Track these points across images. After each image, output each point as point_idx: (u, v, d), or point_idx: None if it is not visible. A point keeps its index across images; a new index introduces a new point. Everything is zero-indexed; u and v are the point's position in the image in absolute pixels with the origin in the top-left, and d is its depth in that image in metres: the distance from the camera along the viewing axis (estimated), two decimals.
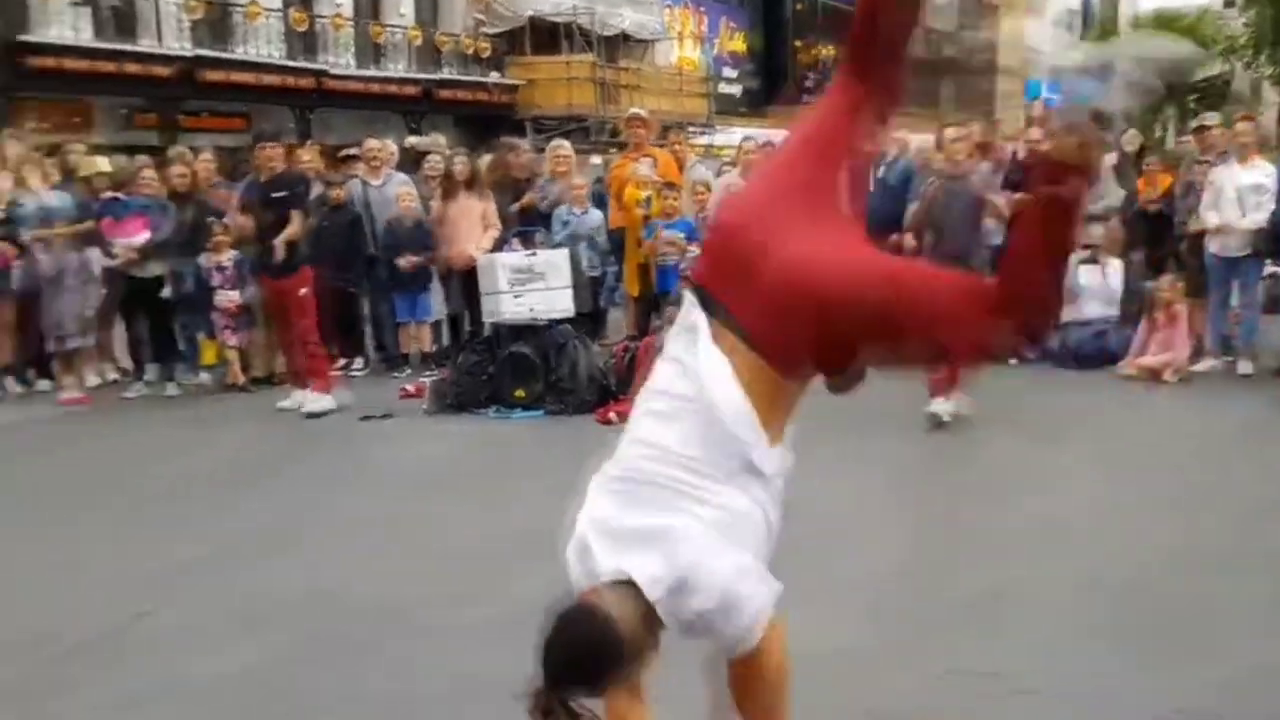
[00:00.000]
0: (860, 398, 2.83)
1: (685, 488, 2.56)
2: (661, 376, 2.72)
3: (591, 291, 10.86)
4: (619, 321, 11.59)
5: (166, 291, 10.13)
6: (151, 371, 10.42)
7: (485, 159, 12.04)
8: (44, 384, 10.40)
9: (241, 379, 10.16)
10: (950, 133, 9.39)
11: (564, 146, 12.11)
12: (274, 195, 9.14)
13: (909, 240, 9.16)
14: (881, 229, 9.70)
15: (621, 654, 2.47)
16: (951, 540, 5.47)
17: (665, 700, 2.81)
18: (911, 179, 10.18)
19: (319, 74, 25.53)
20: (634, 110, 12.56)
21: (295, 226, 9.06)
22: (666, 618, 2.52)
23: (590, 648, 2.46)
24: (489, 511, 6.25)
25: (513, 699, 2.50)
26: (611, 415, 8.26)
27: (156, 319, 10.29)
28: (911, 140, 11.11)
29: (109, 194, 10.32)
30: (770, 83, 38.64)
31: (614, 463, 2.72)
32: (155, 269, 10.16)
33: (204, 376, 10.37)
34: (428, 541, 5.72)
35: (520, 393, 8.85)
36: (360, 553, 5.59)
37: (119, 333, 10.92)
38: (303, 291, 9.11)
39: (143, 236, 10.08)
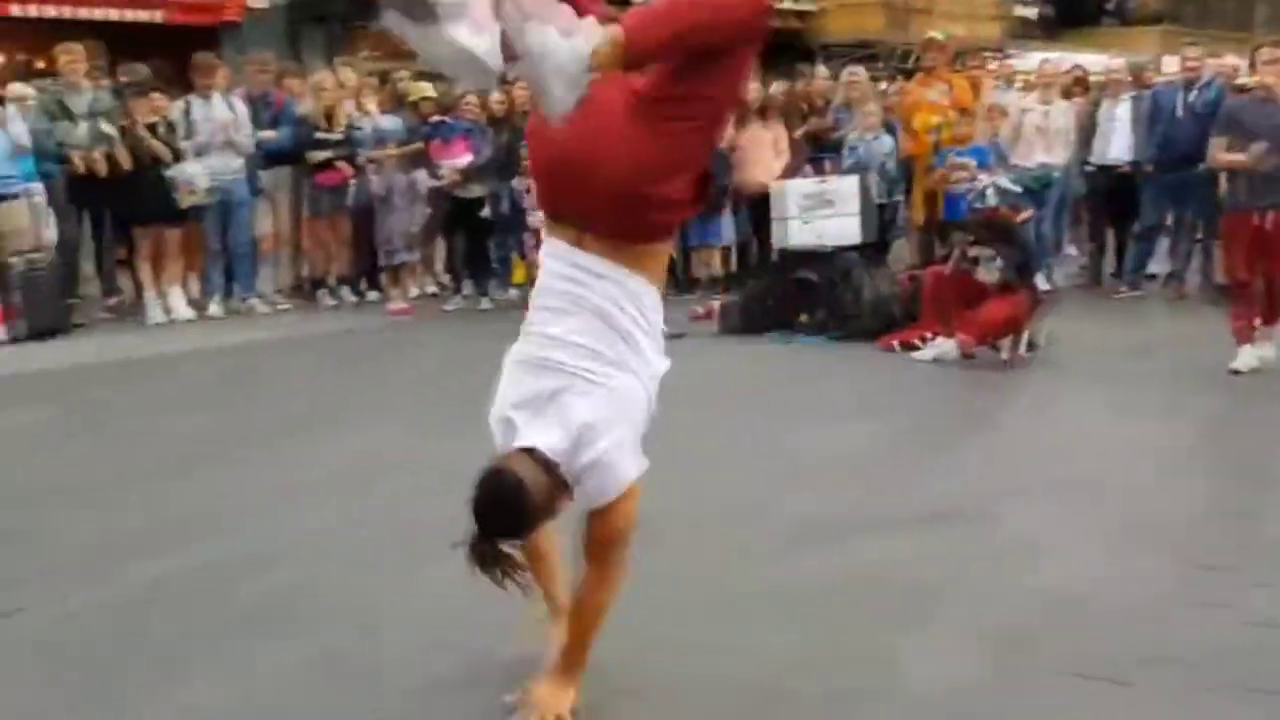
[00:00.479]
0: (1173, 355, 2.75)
1: (580, 371, 2.93)
2: (552, 277, 3.06)
3: (878, 219, 10.71)
4: (901, 250, 11.41)
5: (485, 212, 10.54)
6: (468, 286, 10.92)
7: (775, 86, 11.96)
8: (373, 295, 11.02)
9: None
10: (1265, 54, 8.71)
11: (859, 73, 11.90)
12: None
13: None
14: (1189, 155, 9.23)
15: (530, 507, 2.87)
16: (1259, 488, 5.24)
17: None
18: (1220, 102, 9.55)
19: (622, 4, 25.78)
20: (930, 35, 12.19)
21: None
22: (566, 475, 2.90)
23: (505, 503, 2.85)
24: (768, 431, 6.28)
25: (451, 547, 2.88)
26: (894, 343, 8.17)
27: (474, 237, 10.75)
28: (1219, 64, 10.47)
29: (436, 118, 10.77)
30: (1067, 5, 36.72)
31: (521, 349, 3.07)
32: (476, 190, 10.57)
33: (513, 293, 10.75)
34: (701, 457, 5.78)
35: (804, 318, 8.84)
36: (653, 460, 5.68)
37: (440, 249, 11.46)
38: None
39: (466, 159, 10.51)
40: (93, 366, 8.20)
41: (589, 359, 2.94)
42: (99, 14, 18.56)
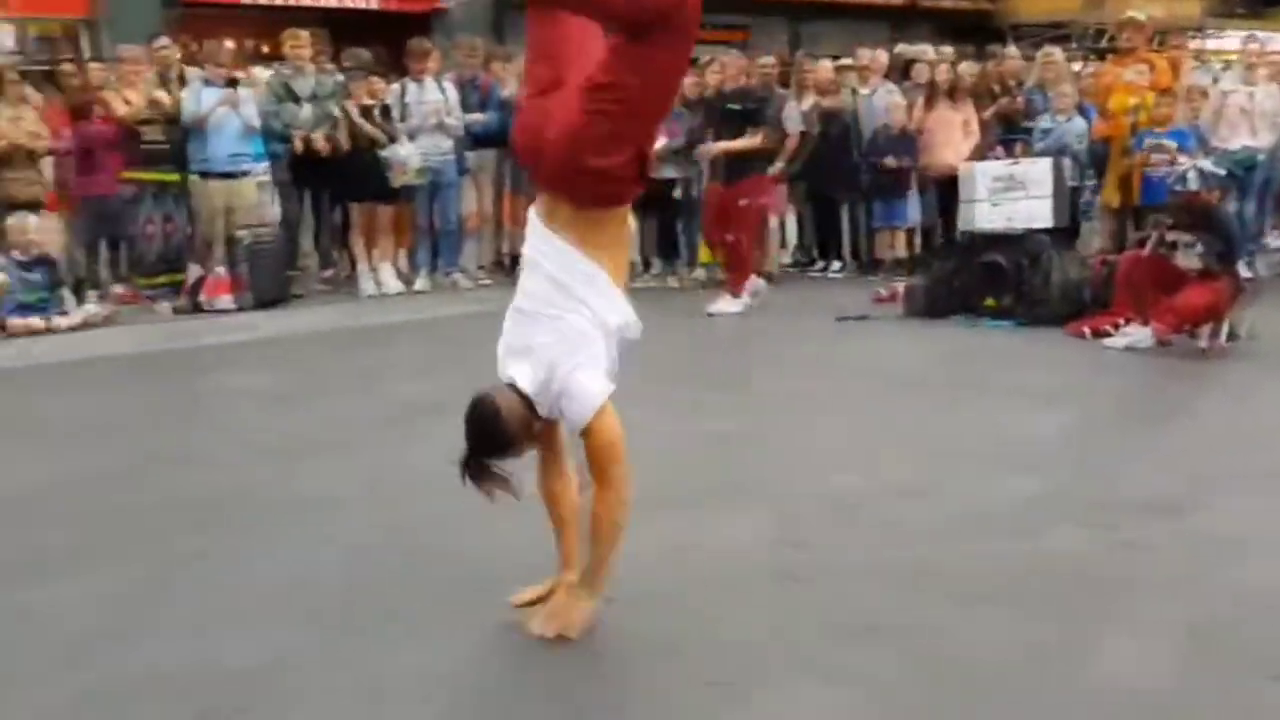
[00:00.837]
0: None
1: (543, 317, 3.42)
2: (528, 243, 3.55)
3: (1070, 203, 10.34)
4: (1091, 234, 10.98)
5: (676, 193, 10.55)
6: (657, 265, 10.96)
7: (964, 66, 11.64)
8: None
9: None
10: None
11: (1055, 53, 11.49)
12: (729, 107, 9.26)
13: None
14: None
15: (505, 429, 3.37)
16: None
17: None
18: None
19: None
20: (1129, 14, 11.66)
21: (747, 140, 9.10)
22: (539, 405, 3.39)
23: (484, 426, 3.37)
24: (947, 414, 6.17)
25: (449, 463, 3.35)
26: (1085, 329, 7.88)
27: (664, 218, 10.78)
28: None
29: None
30: None
31: (514, 301, 3.53)
32: (669, 172, 10.59)
33: (700, 273, 10.74)
34: (888, 438, 5.73)
35: (991, 301, 8.58)
36: (825, 438, 5.70)
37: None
38: (742, 202, 9.19)
39: (661, 140, 10.50)
40: (311, 335, 8.53)
41: (545, 305, 3.43)
42: (322, 1, 19.23)
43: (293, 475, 5.09)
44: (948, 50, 13.14)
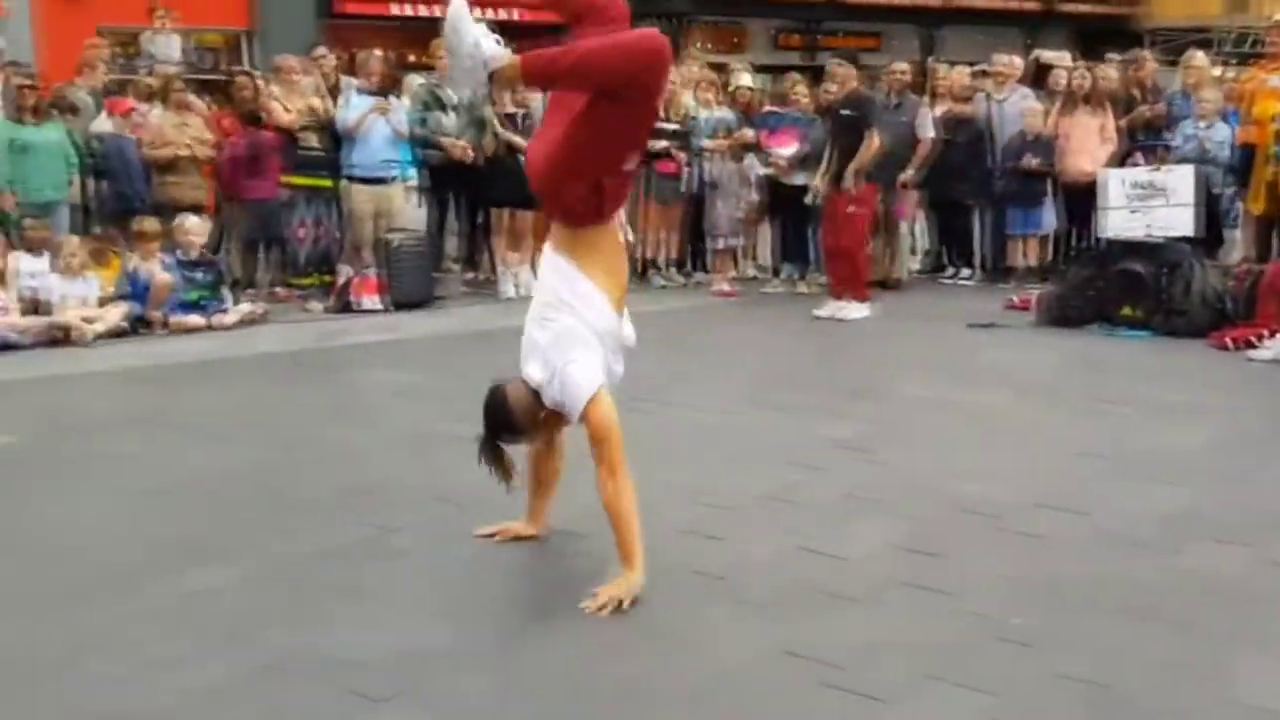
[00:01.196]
0: None
1: (545, 321, 3.87)
2: (541, 262, 4.08)
3: (1211, 210, 9.95)
4: (1232, 242, 10.55)
5: (808, 199, 10.44)
6: (788, 270, 10.86)
7: (1100, 70, 11.29)
8: (700, 276, 11.13)
9: None
10: None
11: (1198, 58, 11.07)
12: (843, 113, 9.10)
13: None
14: None
15: (512, 416, 3.95)
16: None
17: None
18: None
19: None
20: (1276, 17, 11.18)
21: (863, 150, 8.93)
22: (544, 396, 3.85)
23: (496, 411, 3.98)
24: (1083, 425, 5.97)
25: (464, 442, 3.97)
26: (1228, 340, 7.56)
27: (797, 224, 10.68)
28: None
29: (768, 108, 10.74)
30: None
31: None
32: (801, 178, 10.50)
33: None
34: (1022, 447, 5.57)
35: (1128, 310, 8.30)
36: (956, 447, 5.56)
37: (765, 234, 11.44)
38: (850, 209, 9.01)
39: (793, 148, 10.45)
40: (452, 335, 8.64)
41: (546, 310, 3.88)
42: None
43: (434, 470, 5.14)
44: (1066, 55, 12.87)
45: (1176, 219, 8.44)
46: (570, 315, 3.83)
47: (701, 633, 3.56)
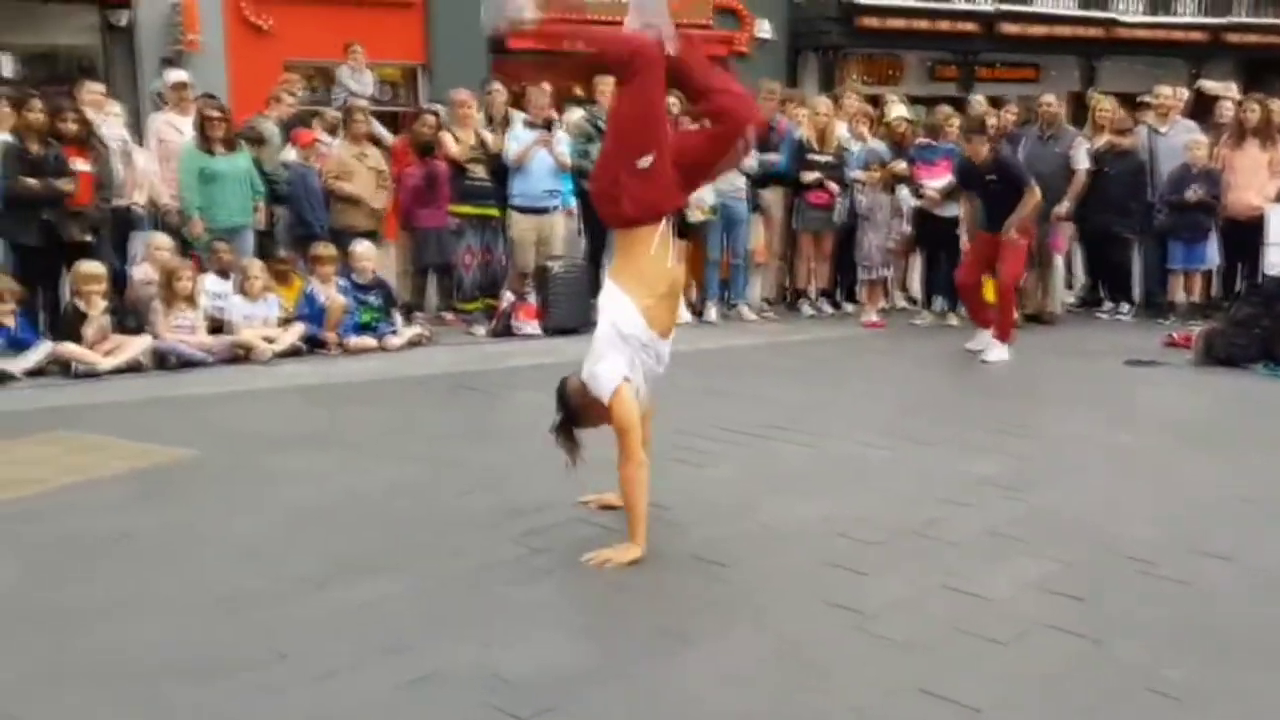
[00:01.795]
0: None
1: (598, 322, 4.40)
2: None
3: None
4: None
5: (959, 231, 10.23)
6: (938, 303, 10.63)
7: (1273, 102, 10.77)
8: (850, 307, 10.97)
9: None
10: None
11: None
12: (990, 180, 8.81)
13: None
14: None
15: (570, 404, 4.47)
16: None
17: None
18: None
19: (1108, 23, 24.22)
20: None
21: (1023, 205, 8.60)
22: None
23: (560, 399, 4.50)
24: (1241, 468, 5.67)
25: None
26: None
27: (949, 256, 10.44)
28: None
29: (920, 140, 10.56)
30: None
31: None
32: (953, 210, 10.29)
33: None
34: (1175, 490, 5.32)
35: None
36: (1107, 488, 5.34)
37: (916, 266, 11.22)
38: (1010, 236, 8.65)
39: (945, 180, 10.24)
40: None
41: (599, 312, 4.42)
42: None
43: (579, 491, 5.16)
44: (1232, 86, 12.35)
45: None
46: (604, 319, 4.36)
47: (837, 667, 3.48)
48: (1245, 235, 9.66)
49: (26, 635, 3.72)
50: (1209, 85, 12.71)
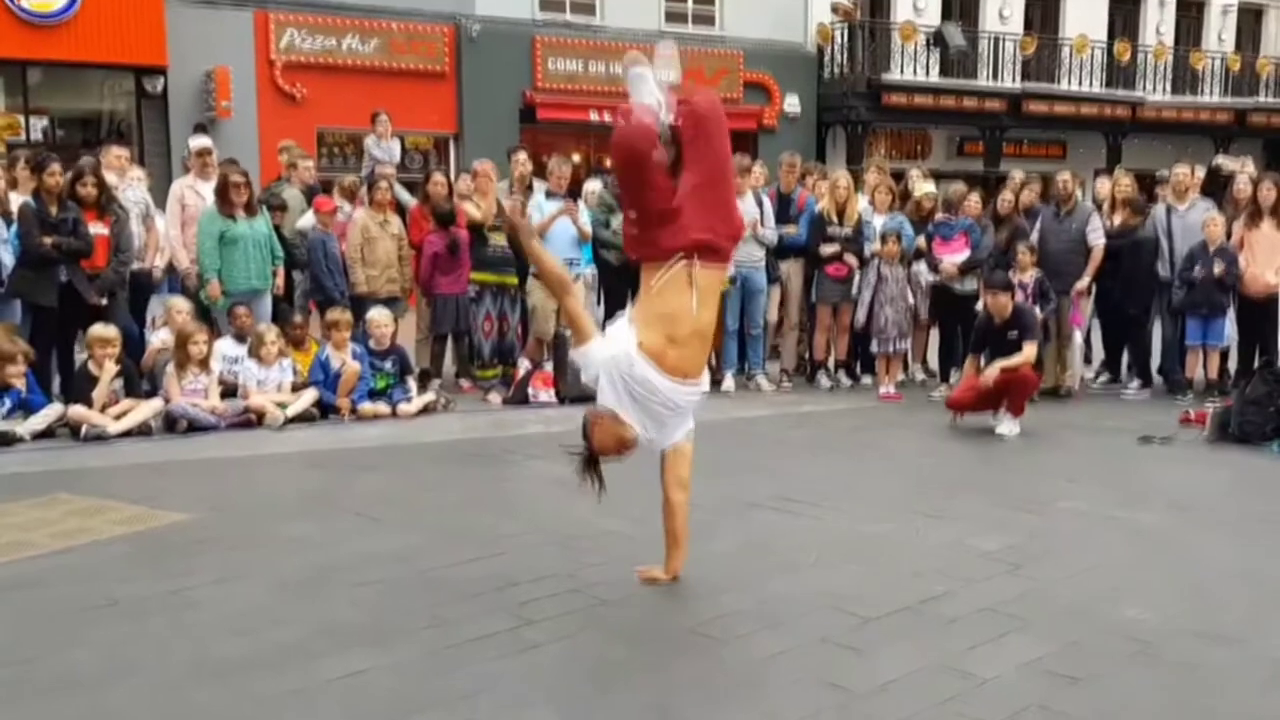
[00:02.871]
0: None
1: None
2: None
3: None
4: None
5: (979, 305, 10.16)
6: (955, 376, 10.53)
7: None
8: (867, 379, 10.90)
9: None
10: None
11: None
12: (1009, 335, 8.74)
13: None
14: None
15: (591, 434, 4.69)
16: None
17: None
18: None
19: (1134, 103, 24.32)
20: None
21: (1021, 356, 8.57)
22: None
23: (583, 430, 4.70)
24: (1250, 549, 5.56)
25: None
26: None
27: (966, 330, 10.37)
28: None
29: (940, 216, 10.56)
30: None
31: None
32: (970, 284, 10.27)
33: None
34: (1182, 570, 5.21)
35: None
36: (1112, 566, 5.24)
37: (934, 339, 11.16)
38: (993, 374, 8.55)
39: (964, 254, 10.23)
40: None
41: None
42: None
43: (579, 563, 5.12)
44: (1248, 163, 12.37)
45: None
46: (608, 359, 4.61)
47: None
48: (1260, 314, 9.56)
49: (2, 706, 3.67)
50: (1225, 162, 12.69)
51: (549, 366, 9.86)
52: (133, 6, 15.71)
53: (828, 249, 10.46)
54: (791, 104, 21.82)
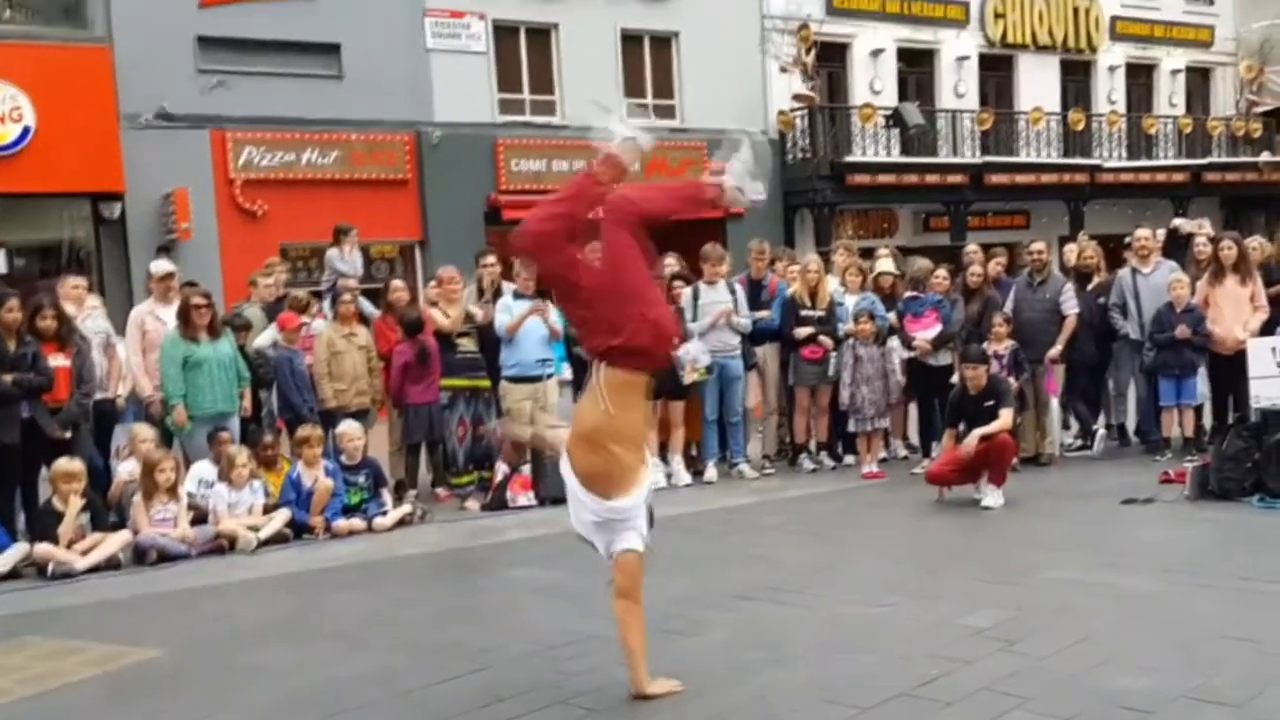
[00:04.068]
0: None
1: None
2: None
3: None
4: None
5: (954, 379, 10.21)
6: (936, 450, 10.54)
7: (1253, 241, 10.92)
8: (849, 459, 10.90)
9: None
10: None
11: None
12: (986, 405, 8.81)
13: None
14: None
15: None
16: None
17: None
18: None
19: (1092, 169, 24.76)
20: None
21: (999, 423, 8.59)
22: None
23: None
24: (1239, 608, 5.55)
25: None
26: None
27: (942, 403, 10.41)
28: None
29: (909, 294, 10.67)
30: None
31: None
32: (944, 358, 10.34)
33: None
34: (1174, 634, 5.18)
35: None
36: (1104, 634, 5.21)
37: (913, 415, 11.19)
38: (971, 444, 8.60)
39: (935, 330, 10.31)
40: None
41: None
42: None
43: (563, 672, 5.04)
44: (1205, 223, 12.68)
45: None
46: None
47: None
48: (1231, 368, 9.65)
49: None
50: (1182, 224, 12.93)
51: (527, 469, 9.81)
52: (87, 134, 15.76)
53: (802, 332, 10.52)
54: (757, 189, 22.04)
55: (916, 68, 24.75)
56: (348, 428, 9.28)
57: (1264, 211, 25.17)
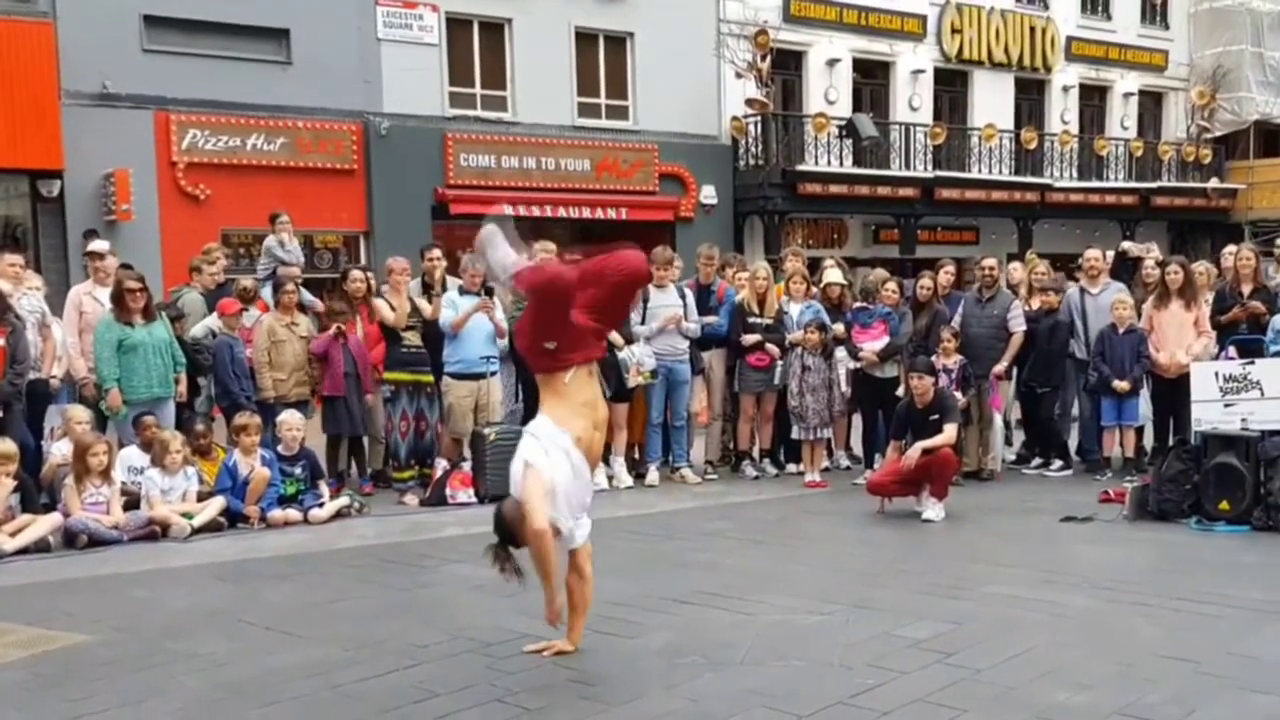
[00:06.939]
0: None
1: None
2: None
3: None
4: None
5: (900, 391, 10.33)
6: (879, 460, 10.66)
7: (1198, 266, 11.17)
8: (792, 467, 10.99)
9: None
10: None
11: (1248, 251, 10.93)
12: (931, 418, 8.93)
13: None
14: None
15: (510, 518, 4.99)
16: None
17: None
18: None
19: (1043, 188, 25.14)
20: None
21: (943, 437, 8.72)
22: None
23: (500, 520, 5.05)
24: (1175, 627, 5.67)
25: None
26: None
27: (887, 414, 10.53)
28: None
29: (858, 304, 10.78)
30: None
31: None
32: (890, 370, 10.47)
33: None
34: (1110, 651, 5.27)
35: (1225, 505, 7.99)
36: (1040, 649, 5.30)
37: (857, 425, 11.30)
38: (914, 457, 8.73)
39: (882, 341, 10.44)
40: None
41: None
42: (573, 213, 20.18)
43: (498, 670, 5.05)
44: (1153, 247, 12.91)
45: (1272, 412, 8.10)
46: (524, 436, 5.22)
47: None
48: (1173, 391, 9.85)
49: None
50: (1130, 247, 13.19)
51: (467, 466, 9.79)
52: (26, 110, 15.56)
53: (749, 339, 10.60)
54: (708, 195, 22.20)
55: (871, 79, 25.00)
56: (289, 416, 9.22)
57: (1209, 237, 25.74)
